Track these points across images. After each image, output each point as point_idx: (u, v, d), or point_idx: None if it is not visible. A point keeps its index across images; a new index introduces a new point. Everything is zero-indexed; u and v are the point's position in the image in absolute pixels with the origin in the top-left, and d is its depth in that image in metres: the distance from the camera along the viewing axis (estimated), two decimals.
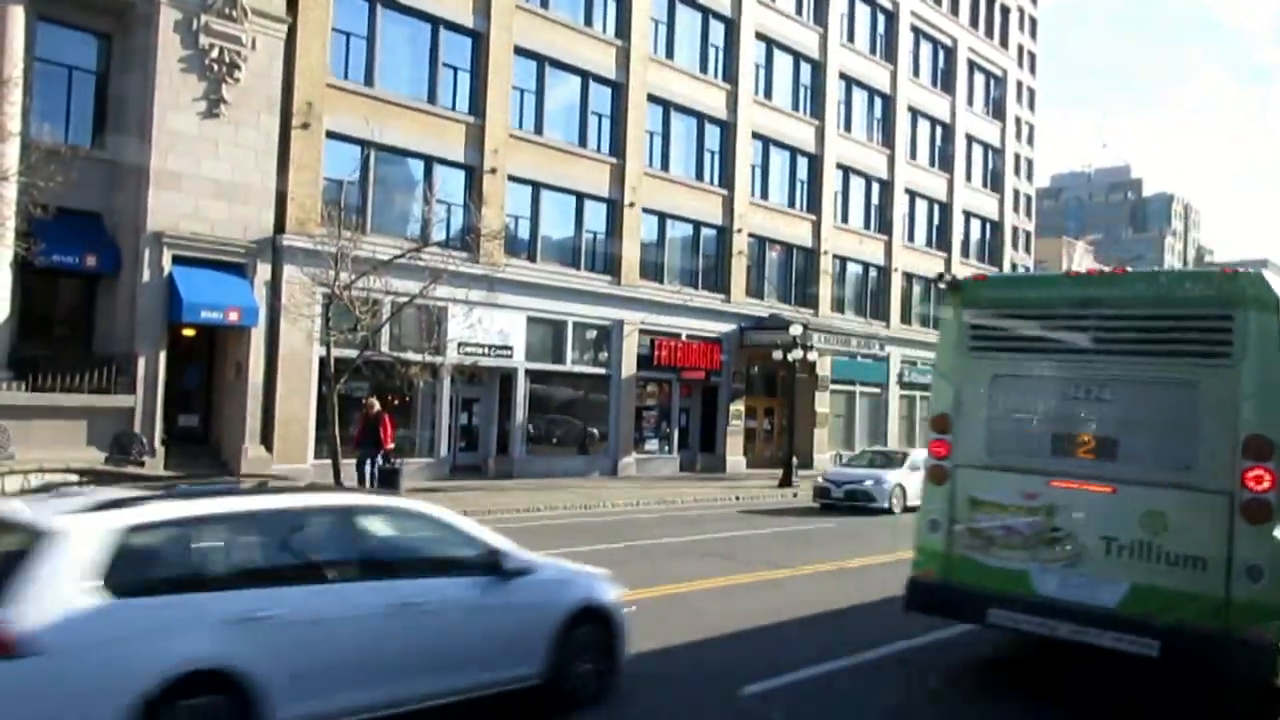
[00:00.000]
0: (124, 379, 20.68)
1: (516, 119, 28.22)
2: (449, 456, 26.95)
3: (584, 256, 30.26)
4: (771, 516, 22.20)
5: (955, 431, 8.58)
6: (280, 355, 22.79)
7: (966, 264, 46.91)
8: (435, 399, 26.32)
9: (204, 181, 21.71)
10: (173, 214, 21.22)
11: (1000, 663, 9.37)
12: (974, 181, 48.05)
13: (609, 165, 30.56)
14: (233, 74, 22.04)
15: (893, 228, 42.05)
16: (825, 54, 38.55)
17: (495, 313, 26.90)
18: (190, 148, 21.54)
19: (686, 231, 33.71)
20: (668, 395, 33.19)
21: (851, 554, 15.83)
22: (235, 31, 22.05)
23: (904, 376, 42.73)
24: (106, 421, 20.20)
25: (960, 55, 46.40)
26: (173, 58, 21.30)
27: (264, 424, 22.65)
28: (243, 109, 22.31)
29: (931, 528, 8.53)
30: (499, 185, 27.34)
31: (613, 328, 30.67)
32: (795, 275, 37.89)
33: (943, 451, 8.63)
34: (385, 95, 25.15)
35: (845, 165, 39.79)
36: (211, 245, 21.82)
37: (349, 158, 24.14)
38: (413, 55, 26.20)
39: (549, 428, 29.96)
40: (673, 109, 32.79)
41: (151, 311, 20.93)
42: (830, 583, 13.19)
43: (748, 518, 21.82)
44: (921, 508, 9.00)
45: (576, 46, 29.74)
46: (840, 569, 14.45)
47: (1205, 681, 8.30)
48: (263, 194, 22.64)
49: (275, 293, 22.55)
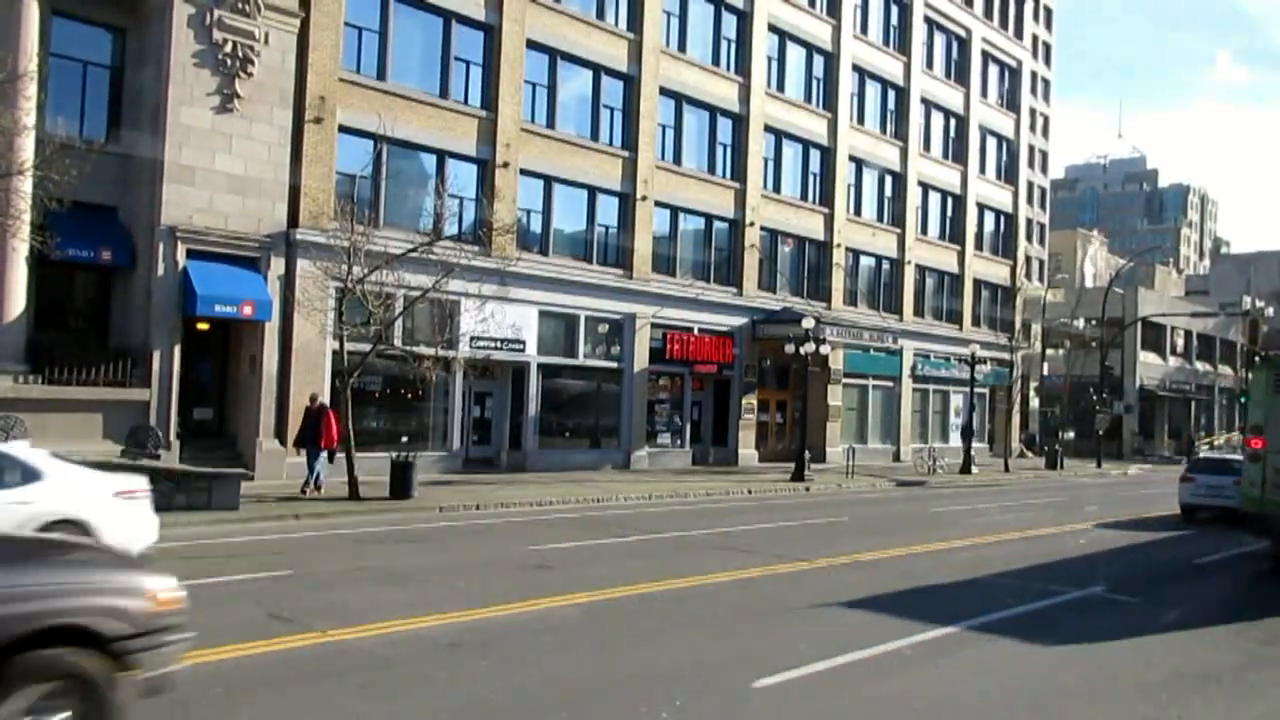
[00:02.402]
0: (139, 372, 20.83)
1: (528, 112, 28.23)
2: (462, 449, 27.03)
3: (596, 250, 30.27)
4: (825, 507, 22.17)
5: (1266, 434, 14.98)
6: (294, 349, 22.91)
7: (980, 256, 46.74)
8: (448, 392, 26.39)
9: (218, 175, 21.82)
10: (187, 208, 21.33)
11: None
12: (988, 173, 47.81)
13: (621, 158, 30.54)
14: (246, 68, 22.13)
15: (905, 220, 41.89)
16: (838, 46, 38.41)
17: (507, 306, 26.92)
18: (204, 142, 21.64)
19: (698, 225, 33.66)
20: (680, 389, 33.20)
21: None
22: (248, 26, 22.13)
23: (917, 369, 42.59)
24: (122, 414, 20.36)
25: (974, 46, 46.14)
26: (186, 52, 21.40)
27: (278, 417, 22.77)
28: (256, 103, 22.40)
29: (1250, 485, 15.14)
30: (511, 179, 27.37)
31: (624, 321, 30.68)
32: (808, 268, 37.80)
33: (1259, 445, 15.11)
34: (398, 89, 25.18)
35: (858, 157, 39.65)
36: (225, 239, 21.93)
37: (362, 152, 24.20)
38: (425, 49, 26.22)
39: (561, 421, 30.01)
40: (685, 102, 32.73)
41: (166, 305, 21.06)
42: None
43: (767, 511, 21.82)
44: (1244, 475, 15.62)
45: (589, 39, 29.71)
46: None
47: None
48: (276, 188, 22.73)
49: (289, 286, 22.66)
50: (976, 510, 23.43)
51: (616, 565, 13.36)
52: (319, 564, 12.71)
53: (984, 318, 47.06)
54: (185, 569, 11.69)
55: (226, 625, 8.86)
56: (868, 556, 14.87)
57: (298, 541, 14.73)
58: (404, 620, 9.40)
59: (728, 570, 13.02)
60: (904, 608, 10.96)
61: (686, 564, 13.49)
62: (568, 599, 10.75)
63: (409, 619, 9.46)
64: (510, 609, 10.17)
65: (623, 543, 15.86)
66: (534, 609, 10.22)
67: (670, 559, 14.20)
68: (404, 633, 9.02)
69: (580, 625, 9.73)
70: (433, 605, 10.14)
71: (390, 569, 12.59)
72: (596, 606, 10.58)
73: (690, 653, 8.86)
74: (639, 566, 13.20)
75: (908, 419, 42.46)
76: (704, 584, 12.11)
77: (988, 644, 9.59)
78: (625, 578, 12.03)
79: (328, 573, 12.10)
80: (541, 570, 12.72)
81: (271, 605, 9.83)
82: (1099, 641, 9.95)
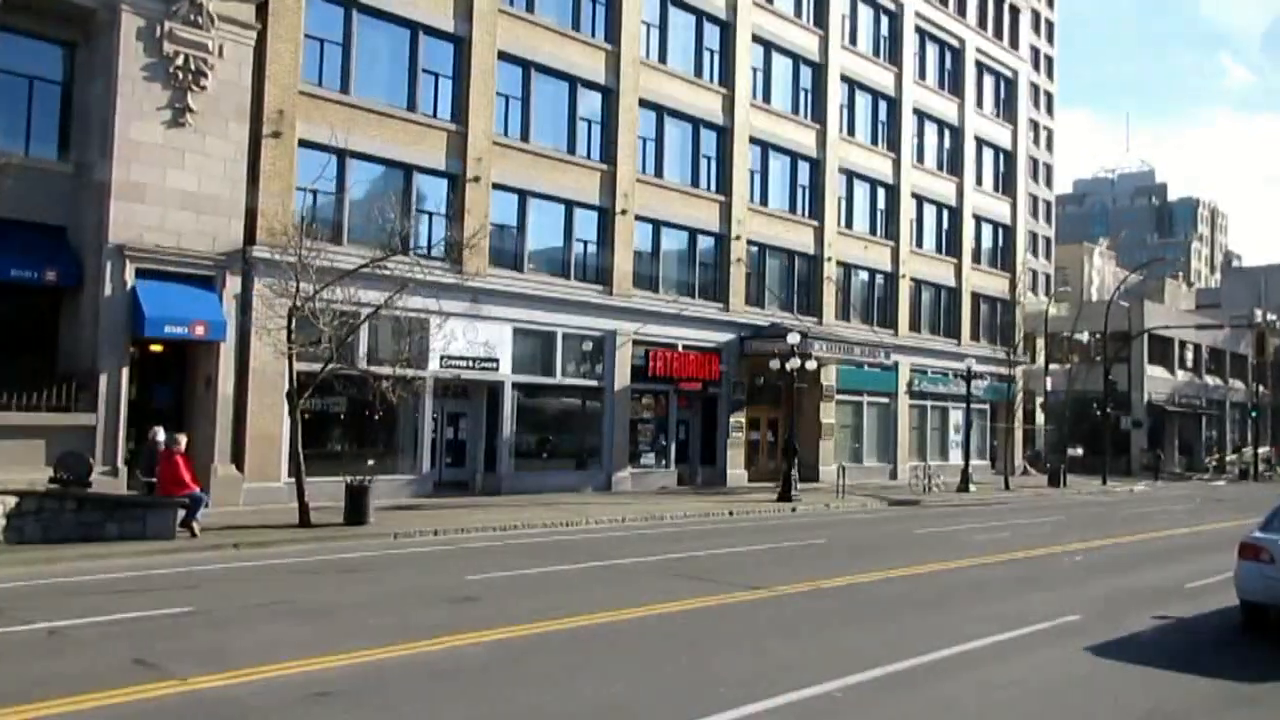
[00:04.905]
0: (86, 396, 20.04)
1: (501, 126, 27.49)
2: (433, 473, 26.14)
3: (574, 265, 29.45)
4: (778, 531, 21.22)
5: None
6: (251, 370, 22.11)
7: (978, 269, 45.78)
8: (418, 413, 25.52)
9: (169, 192, 21.09)
10: (136, 226, 20.59)
11: None
12: (985, 185, 46.89)
13: (600, 172, 29.76)
14: (199, 82, 21.44)
15: (900, 233, 40.97)
16: (826, 56, 37.65)
17: (479, 324, 26.17)
18: (155, 158, 20.92)
19: (682, 239, 32.82)
20: (664, 407, 32.27)
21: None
22: (201, 39, 21.46)
23: (914, 385, 41.56)
24: (67, 440, 19.48)
25: (968, 56, 45.35)
26: (135, 65, 20.71)
27: (235, 441, 21.97)
28: (210, 118, 21.70)
29: None
30: (483, 193, 26.61)
31: (605, 339, 29.81)
32: (798, 282, 36.90)
33: None
34: (362, 102, 24.48)
35: (849, 169, 38.81)
36: (178, 258, 21.18)
37: (323, 167, 23.40)
38: (391, 61, 25.52)
39: (539, 442, 29.10)
40: (666, 114, 31.97)
41: (114, 326, 20.28)
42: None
43: (743, 533, 20.85)
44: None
45: (564, 51, 29.00)
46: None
47: None
48: (232, 205, 22.00)
49: (245, 306, 21.89)
50: (956, 533, 22.43)
51: (553, 596, 12.43)
52: (231, 599, 11.83)
53: (983, 332, 46.01)
54: (76, 606, 10.91)
55: (81, 672, 8.01)
56: (835, 582, 13.92)
57: (221, 573, 13.85)
58: (285, 663, 8.50)
59: (673, 600, 12.07)
60: (851, 643, 10.02)
61: (630, 593, 12.56)
62: (483, 635, 9.84)
63: (291, 662, 8.56)
64: (414, 648, 9.26)
65: (572, 570, 14.93)
66: (439, 648, 9.32)
67: (616, 588, 13.28)
68: (277, 678, 8.12)
69: (483, 667, 8.81)
70: (328, 645, 9.24)
71: (306, 603, 11.70)
72: (512, 644, 9.67)
73: (602, 697, 7.94)
74: (577, 598, 12.27)
75: (905, 436, 41.39)
76: (641, 616, 11.17)
77: (929, 689, 8.64)
78: (557, 610, 11.11)
79: (233, 609, 11.21)
80: (467, 603, 11.80)
81: (145, 648, 8.94)
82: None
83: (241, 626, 10.25)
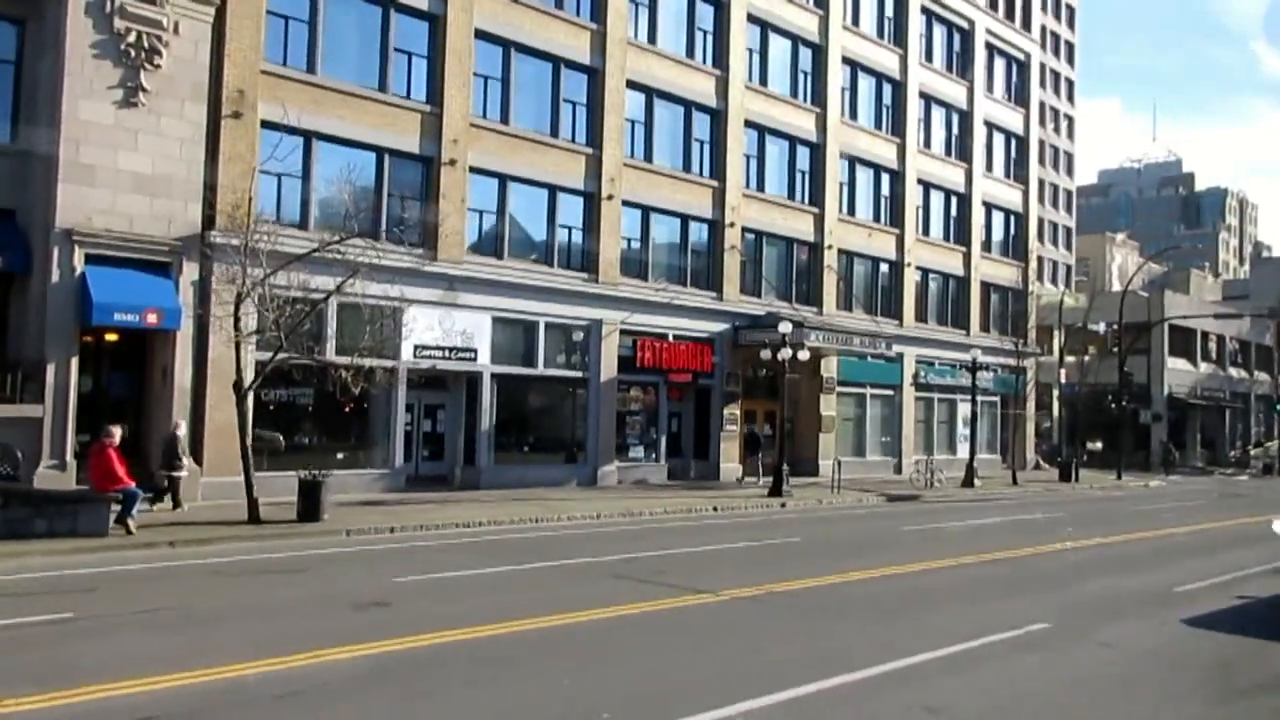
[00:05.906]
0: (33, 387, 19.28)
1: (479, 107, 26.52)
2: (407, 466, 25.25)
3: (558, 252, 28.46)
4: None
5: None
6: (210, 360, 21.30)
7: (988, 258, 44.41)
8: (391, 405, 24.62)
9: (121, 174, 20.27)
10: (85, 209, 19.79)
11: None
12: (995, 171, 45.47)
13: (584, 155, 28.74)
14: (152, 60, 20.59)
15: (905, 220, 39.66)
16: (826, 37, 36.41)
17: (456, 313, 25.27)
18: (105, 139, 20.11)
19: (673, 226, 31.73)
20: (654, 399, 31.23)
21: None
22: (155, 15, 20.62)
23: (920, 377, 40.29)
24: (11, 433, 18.77)
25: (977, 38, 43.93)
26: (85, 42, 19.89)
27: (193, 434, 21.14)
28: (165, 97, 20.85)
29: None
30: (459, 177, 25.65)
31: (591, 328, 28.81)
32: (796, 271, 35.73)
33: None
34: (329, 82, 23.58)
35: (850, 154, 37.57)
36: (131, 243, 20.36)
37: (287, 149, 22.42)
38: (361, 40, 24.59)
39: (521, 435, 28.16)
40: (656, 96, 30.89)
41: (61, 314, 19.49)
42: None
43: (719, 531, 19.82)
44: None
45: (546, 30, 27.98)
46: None
47: None
48: (189, 188, 21.15)
49: (205, 293, 21.04)
50: (943, 531, 21.30)
51: (474, 601, 11.47)
52: (122, 604, 10.96)
53: (993, 323, 44.62)
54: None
55: None
56: (790, 586, 12.85)
57: (133, 575, 12.99)
58: (122, 683, 7.55)
59: (602, 606, 11.07)
60: (778, 655, 8.99)
61: (563, 598, 11.56)
62: (367, 648, 8.89)
63: (129, 681, 7.61)
64: (282, 663, 8.32)
65: (514, 571, 13.96)
66: (308, 663, 8.37)
67: (551, 591, 12.29)
68: (101, 701, 7.19)
69: (351, 688, 7.85)
70: (189, 660, 8.30)
71: (199, 610, 10.77)
72: (403, 657, 8.72)
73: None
74: (505, 601, 11.31)
75: (910, 429, 40.12)
76: (555, 625, 10.15)
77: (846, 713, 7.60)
78: (476, 617, 10.16)
79: (116, 616, 10.33)
80: (375, 609, 10.84)
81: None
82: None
83: (110, 637, 9.37)
